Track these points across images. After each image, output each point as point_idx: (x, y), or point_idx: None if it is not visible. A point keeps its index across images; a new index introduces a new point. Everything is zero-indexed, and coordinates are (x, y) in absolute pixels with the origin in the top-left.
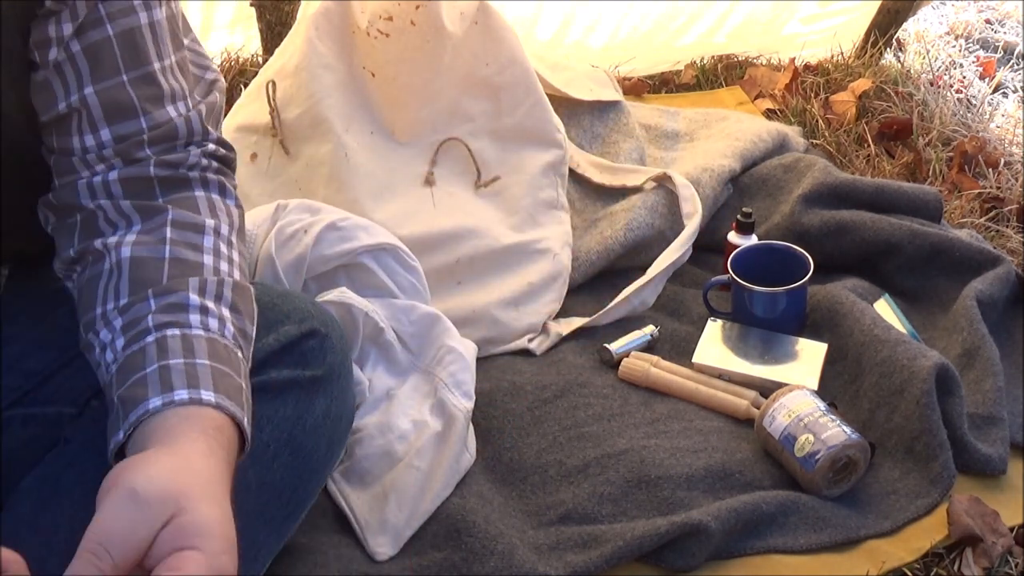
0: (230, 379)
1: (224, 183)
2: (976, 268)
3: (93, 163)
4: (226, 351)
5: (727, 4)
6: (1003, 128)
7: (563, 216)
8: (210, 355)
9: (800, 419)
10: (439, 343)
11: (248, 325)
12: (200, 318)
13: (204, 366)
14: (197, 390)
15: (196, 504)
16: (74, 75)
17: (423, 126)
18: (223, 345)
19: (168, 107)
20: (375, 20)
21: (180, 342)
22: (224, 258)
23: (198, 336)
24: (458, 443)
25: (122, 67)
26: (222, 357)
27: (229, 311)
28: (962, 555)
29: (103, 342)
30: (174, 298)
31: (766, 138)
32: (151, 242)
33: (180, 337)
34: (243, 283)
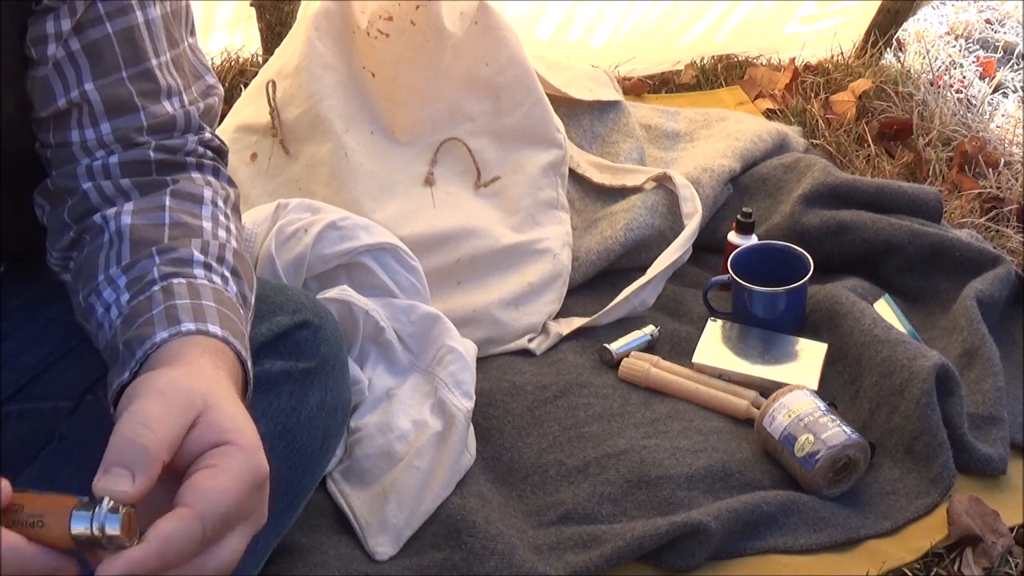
0: (235, 324)
1: (218, 167)
2: (976, 268)
3: (93, 150)
4: (230, 302)
5: (727, 4)
6: (1003, 128)
7: (563, 216)
8: (216, 300)
9: (800, 419)
10: (439, 343)
11: (248, 291)
12: (204, 272)
13: (211, 307)
14: (204, 323)
15: (221, 402)
16: (74, 72)
17: (423, 126)
18: (227, 297)
19: (165, 102)
20: (375, 20)
21: (186, 288)
22: (223, 227)
23: (203, 285)
24: (458, 443)
25: (122, 64)
26: (227, 304)
27: (230, 273)
28: (962, 555)
29: (107, 301)
30: (178, 254)
31: (766, 138)
32: (150, 209)
33: (186, 284)
34: (241, 252)
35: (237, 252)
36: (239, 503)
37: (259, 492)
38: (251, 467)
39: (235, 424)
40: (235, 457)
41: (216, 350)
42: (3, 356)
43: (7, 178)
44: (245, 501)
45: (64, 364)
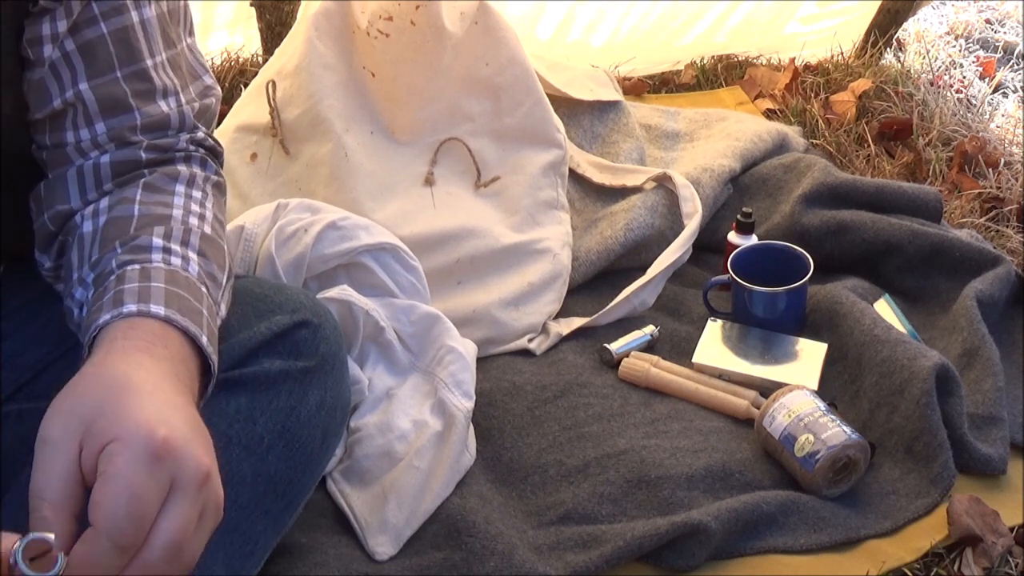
0: (185, 301)
1: (207, 160)
2: (976, 268)
3: (87, 150)
4: (186, 281)
5: (727, 4)
6: (1003, 128)
7: (563, 216)
8: (167, 281)
9: (800, 419)
10: (439, 343)
11: (217, 271)
12: (162, 256)
13: (158, 288)
14: (147, 304)
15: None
16: (69, 72)
17: (423, 126)
18: (183, 276)
19: (160, 102)
20: (375, 20)
21: (138, 272)
22: (194, 214)
23: (157, 268)
24: (458, 443)
25: (116, 64)
26: (180, 284)
27: (195, 254)
28: (962, 555)
29: (79, 301)
30: (137, 242)
31: (766, 138)
32: (121, 203)
33: (139, 269)
34: (213, 236)
35: (206, 236)
36: (137, 497)
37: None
38: (137, 456)
39: (121, 421)
40: (119, 455)
41: (153, 331)
42: (3, 356)
43: (7, 178)
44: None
45: (64, 363)
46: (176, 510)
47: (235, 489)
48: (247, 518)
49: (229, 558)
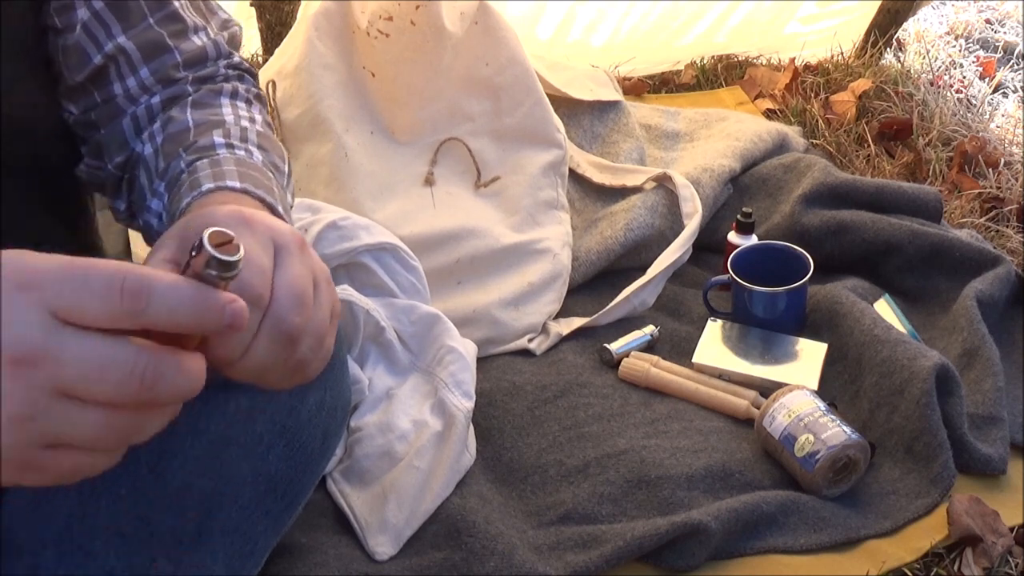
0: (258, 179)
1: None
2: (976, 268)
3: (137, 96)
4: (254, 166)
5: (727, 4)
6: (1003, 128)
7: (563, 216)
8: (236, 164)
9: (800, 419)
10: (439, 343)
11: (278, 161)
12: (227, 151)
13: (231, 169)
14: (223, 180)
15: (198, 216)
16: (103, 29)
17: (423, 126)
18: (250, 162)
19: (193, 37)
20: (375, 20)
21: (208, 163)
22: (244, 118)
23: (225, 157)
24: (458, 443)
25: (147, 11)
26: (250, 167)
27: (256, 148)
28: (962, 555)
29: (157, 211)
30: (200, 143)
31: (766, 138)
32: (176, 119)
33: (208, 160)
34: (267, 134)
35: (262, 133)
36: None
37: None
38: (232, 226)
39: (210, 216)
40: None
41: (229, 200)
42: None
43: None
44: (254, 247)
45: None
46: (287, 264)
47: (235, 489)
48: (247, 518)
49: (229, 558)
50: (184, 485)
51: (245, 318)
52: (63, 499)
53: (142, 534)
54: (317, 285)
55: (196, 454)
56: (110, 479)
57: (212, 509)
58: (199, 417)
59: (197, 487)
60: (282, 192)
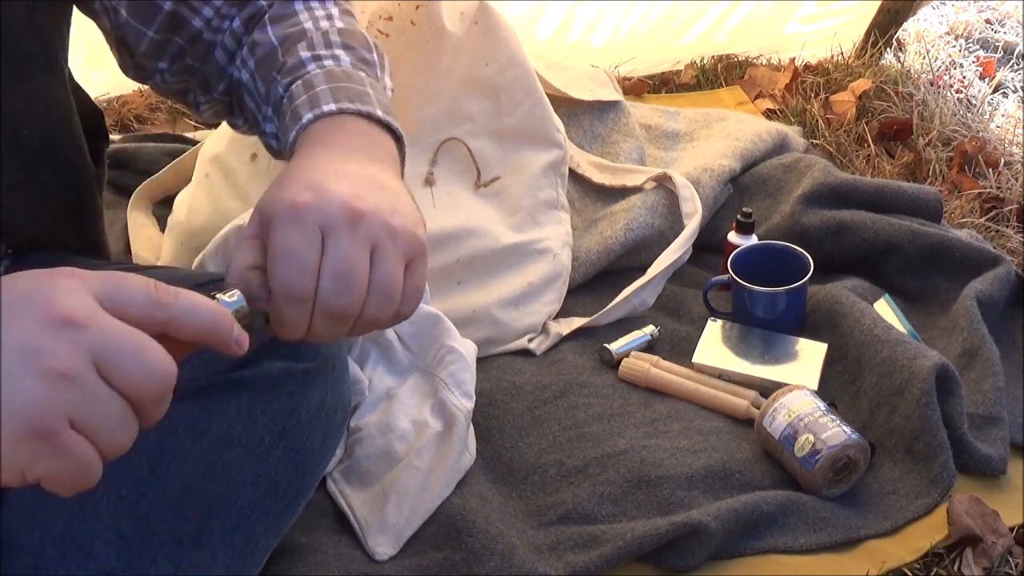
0: (351, 89)
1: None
2: (976, 268)
3: (218, 25)
4: (344, 74)
5: (727, 4)
6: (1003, 128)
7: (563, 216)
8: (327, 80)
9: (800, 419)
10: (439, 343)
11: (365, 53)
12: (315, 64)
13: (323, 89)
14: (319, 107)
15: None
16: None
17: (423, 126)
18: (340, 71)
19: None
20: (375, 20)
21: (302, 85)
22: (322, 18)
23: (315, 74)
24: (458, 443)
25: None
26: (340, 78)
27: (341, 50)
28: (962, 555)
29: (272, 134)
30: (290, 63)
31: (766, 138)
32: (261, 42)
33: (302, 82)
34: (348, 28)
35: (343, 30)
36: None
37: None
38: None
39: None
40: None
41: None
42: None
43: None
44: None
45: None
46: (333, 248)
47: (235, 490)
48: (247, 519)
49: (229, 559)
50: (184, 486)
51: (246, 345)
52: (64, 500)
53: (142, 535)
54: (376, 249)
55: (197, 455)
56: (111, 480)
57: (212, 510)
58: (200, 418)
59: (197, 488)
60: (378, 90)
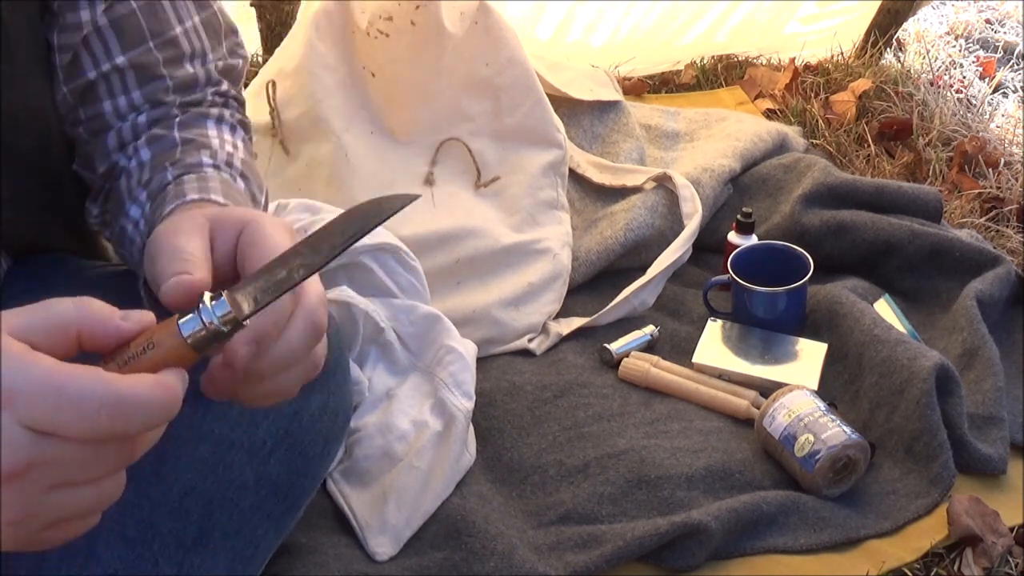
0: (239, 201)
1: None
2: (976, 268)
3: (126, 114)
4: (237, 191)
5: (727, 4)
6: (1003, 128)
7: (563, 216)
8: (222, 185)
9: (800, 419)
10: (439, 343)
11: (257, 192)
12: (214, 171)
13: (215, 186)
14: (207, 194)
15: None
16: (102, 46)
17: (423, 126)
18: (234, 187)
19: (187, 65)
20: (375, 20)
21: (196, 180)
22: (228, 143)
23: (212, 176)
24: (458, 443)
25: (148, 35)
26: (234, 190)
27: (239, 176)
28: (962, 555)
29: (134, 217)
30: (188, 161)
31: (766, 138)
32: (163, 137)
33: (195, 176)
34: (249, 162)
35: (245, 161)
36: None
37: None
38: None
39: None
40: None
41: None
42: None
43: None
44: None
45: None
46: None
47: (237, 493)
48: (248, 521)
49: (231, 561)
50: (187, 489)
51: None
52: None
53: (145, 537)
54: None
55: (199, 458)
56: None
57: (214, 512)
58: (202, 421)
59: (200, 490)
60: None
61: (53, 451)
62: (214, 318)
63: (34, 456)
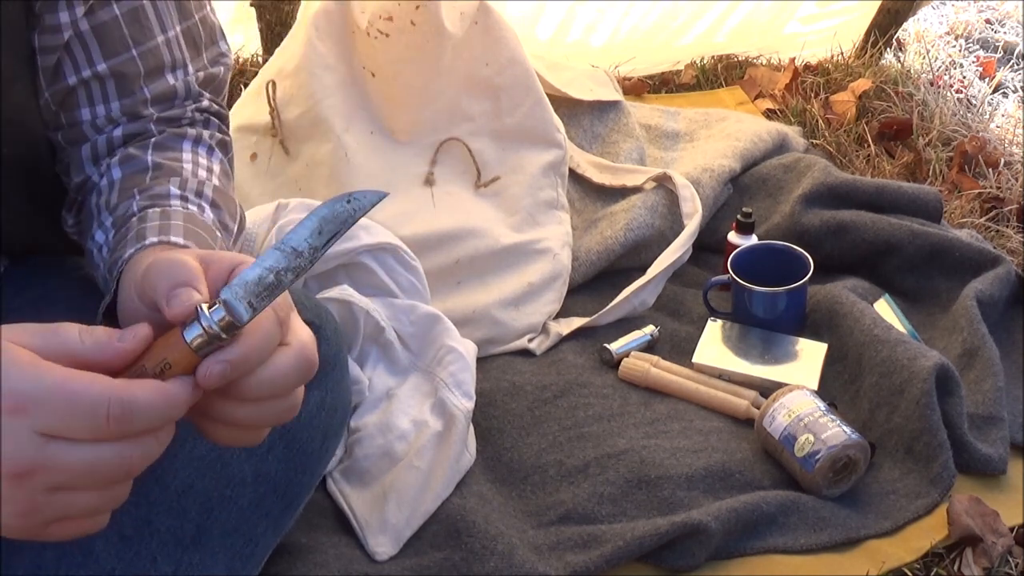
0: (203, 239)
1: (210, 119)
2: (976, 268)
3: (103, 126)
4: (203, 224)
5: (727, 4)
6: (1003, 128)
7: (563, 216)
8: (185, 220)
9: (800, 419)
10: (439, 343)
11: (228, 220)
12: (180, 203)
13: (177, 224)
14: (167, 235)
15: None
16: (83, 52)
17: (423, 126)
18: (200, 220)
19: (167, 76)
20: (375, 20)
21: (159, 213)
22: (203, 167)
23: (176, 210)
24: (458, 443)
25: (130, 43)
26: (198, 224)
27: (209, 205)
28: (962, 555)
29: (99, 243)
30: (156, 190)
31: (766, 138)
32: (136, 157)
33: (159, 211)
34: (223, 188)
35: (218, 188)
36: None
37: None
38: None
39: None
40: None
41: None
42: None
43: (8, 176)
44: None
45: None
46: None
47: (235, 490)
48: (247, 519)
49: (230, 559)
50: (185, 486)
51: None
52: None
53: (143, 535)
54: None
55: (197, 456)
56: None
57: (212, 510)
58: None
59: (198, 488)
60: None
61: (60, 455)
62: (213, 324)
63: (39, 459)
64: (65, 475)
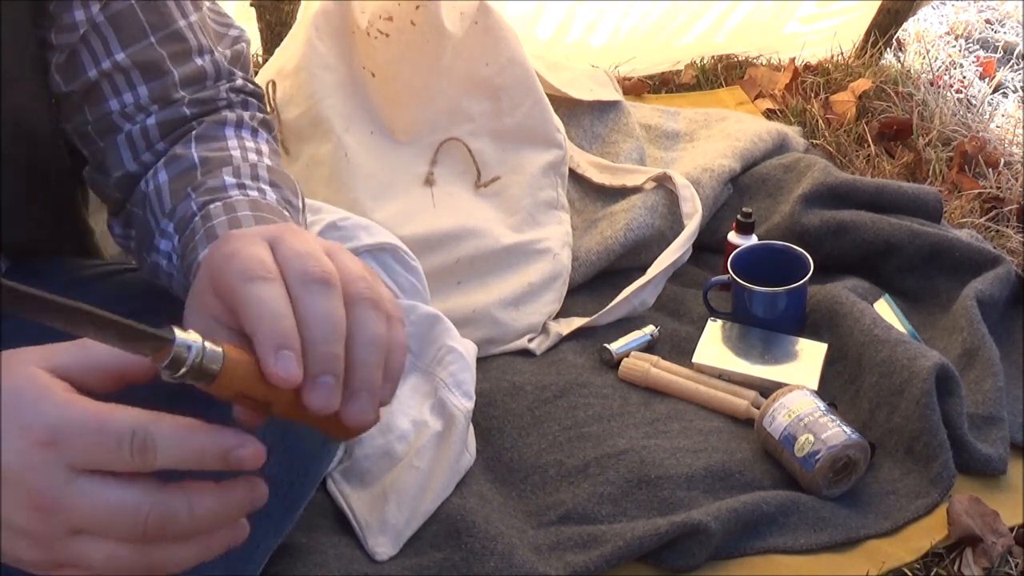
0: (275, 221)
1: (248, 101)
2: (976, 268)
3: (133, 114)
4: (269, 207)
5: (727, 4)
6: (1003, 128)
7: (563, 216)
8: (252, 208)
9: (800, 419)
10: (439, 343)
11: (292, 197)
12: (239, 192)
13: (247, 215)
14: (239, 228)
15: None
16: (101, 44)
17: (423, 126)
18: (265, 204)
19: (196, 58)
20: (375, 20)
21: (222, 207)
22: (251, 150)
23: (239, 200)
24: (458, 443)
25: (148, 30)
26: (265, 209)
27: (268, 185)
28: (962, 555)
29: (166, 252)
30: (210, 184)
31: (766, 138)
32: (181, 156)
33: (222, 205)
34: (276, 167)
35: (272, 168)
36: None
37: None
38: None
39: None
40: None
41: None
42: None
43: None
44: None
45: None
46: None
47: None
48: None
49: (230, 561)
50: None
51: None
52: None
53: None
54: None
55: None
56: None
57: None
58: None
59: None
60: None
61: (84, 493)
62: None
63: (64, 496)
64: (86, 517)
